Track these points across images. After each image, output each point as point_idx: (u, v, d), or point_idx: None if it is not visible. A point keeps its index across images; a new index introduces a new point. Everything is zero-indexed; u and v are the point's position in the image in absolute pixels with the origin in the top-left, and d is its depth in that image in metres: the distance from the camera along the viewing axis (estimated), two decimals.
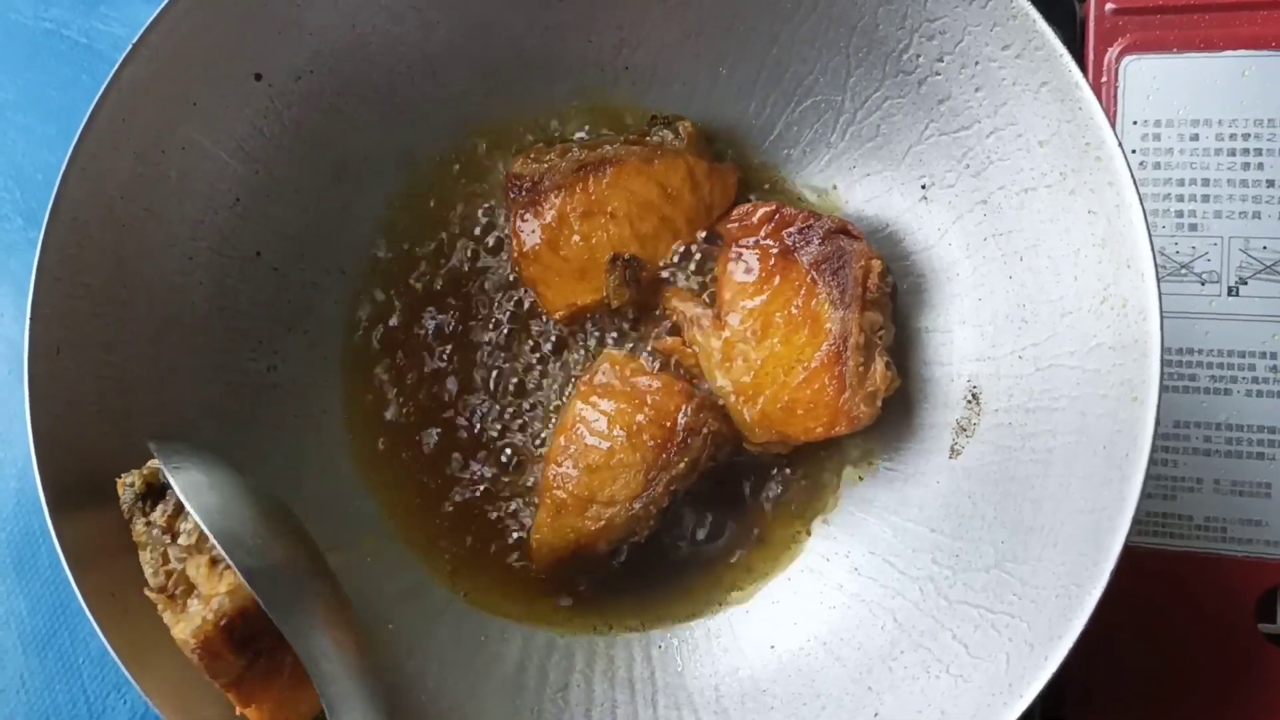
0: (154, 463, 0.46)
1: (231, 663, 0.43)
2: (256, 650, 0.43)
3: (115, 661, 0.65)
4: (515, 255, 0.57)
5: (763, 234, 0.55)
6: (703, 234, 0.56)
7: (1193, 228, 0.59)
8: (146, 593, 0.45)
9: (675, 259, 0.56)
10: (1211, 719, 0.56)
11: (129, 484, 0.46)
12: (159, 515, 0.45)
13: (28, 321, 0.47)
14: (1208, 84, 0.59)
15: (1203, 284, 0.58)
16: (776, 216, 0.55)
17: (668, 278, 0.56)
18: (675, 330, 0.56)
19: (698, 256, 0.56)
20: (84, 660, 0.66)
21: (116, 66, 0.48)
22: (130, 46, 0.48)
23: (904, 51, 0.52)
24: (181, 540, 0.45)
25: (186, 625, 0.43)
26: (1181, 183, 0.59)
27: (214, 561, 0.44)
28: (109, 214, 0.49)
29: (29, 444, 0.47)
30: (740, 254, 0.55)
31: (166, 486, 0.46)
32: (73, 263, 0.48)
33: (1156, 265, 0.45)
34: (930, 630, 0.49)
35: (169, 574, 0.45)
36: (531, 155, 0.57)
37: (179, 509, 0.45)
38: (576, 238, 0.55)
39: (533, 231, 0.56)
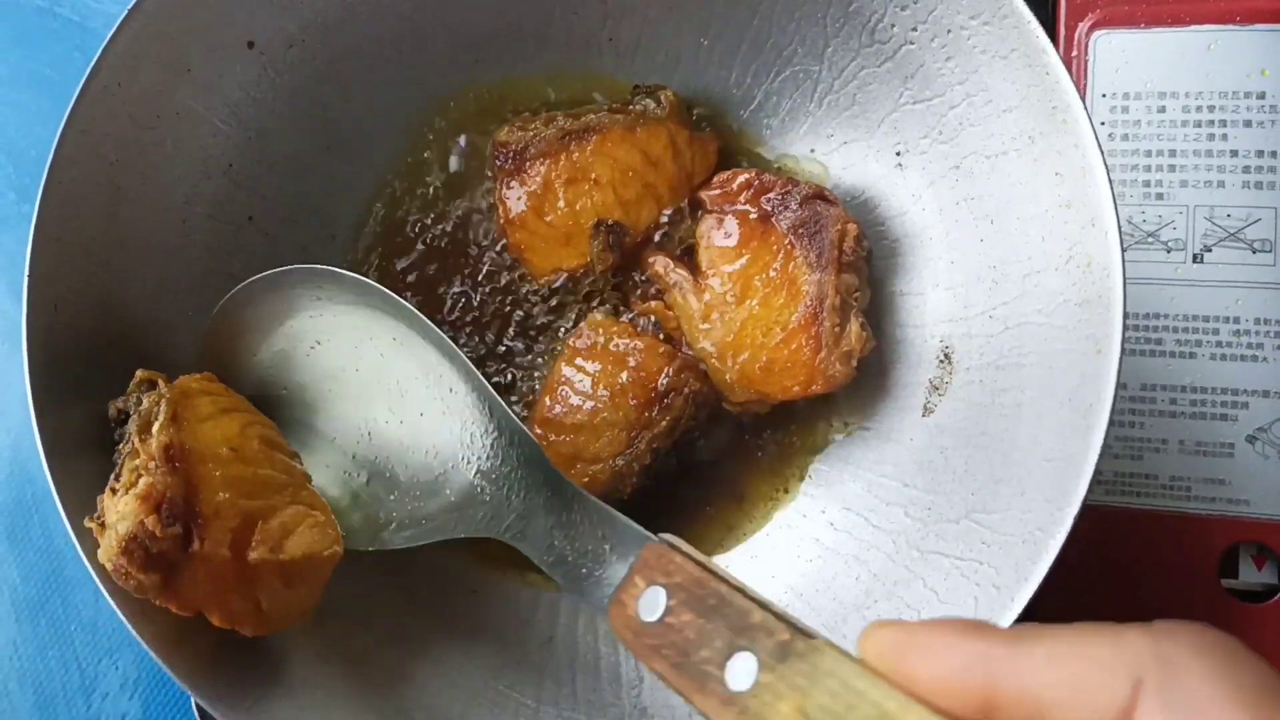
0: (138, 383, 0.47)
1: (148, 581, 0.43)
2: (166, 565, 0.43)
3: (106, 629, 0.67)
4: (501, 222, 0.58)
5: (742, 200, 0.56)
6: (684, 200, 0.58)
7: (1159, 197, 0.60)
8: (86, 522, 0.45)
9: (658, 224, 0.58)
10: None
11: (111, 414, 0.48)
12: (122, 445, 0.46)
13: (25, 277, 0.48)
14: (1175, 58, 0.61)
15: (1169, 251, 0.60)
16: (756, 183, 0.56)
17: (651, 242, 0.58)
18: (657, 294, 0.57)
19: (680, 222, 0.58)
20: (76, 627, 0.67)
21: (112, 31, 0.49)
22: (125, 11, 0.49)
23: (879, 22, 0.54)
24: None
25: (101, 553, 0.44)
26: (1149, 153, 0.61)
27: (113, 490, 0.45)
28: (104, 176, 0.50)
29: (23, 408, 0.48)
30: (720, 219, 0.56)
31: (128, 416, 0.47)
32: (69, 222, 0.49)
33: (1120, 224, 0.46)
34: (903, 580, 0.51)
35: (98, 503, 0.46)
36: (517, 124, 0.58)
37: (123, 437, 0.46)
38: (561, 204, 0.57)
39: (518, 198, 0.57)
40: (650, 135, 0.57)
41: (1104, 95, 0.62)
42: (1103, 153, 0.47)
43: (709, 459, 0.58)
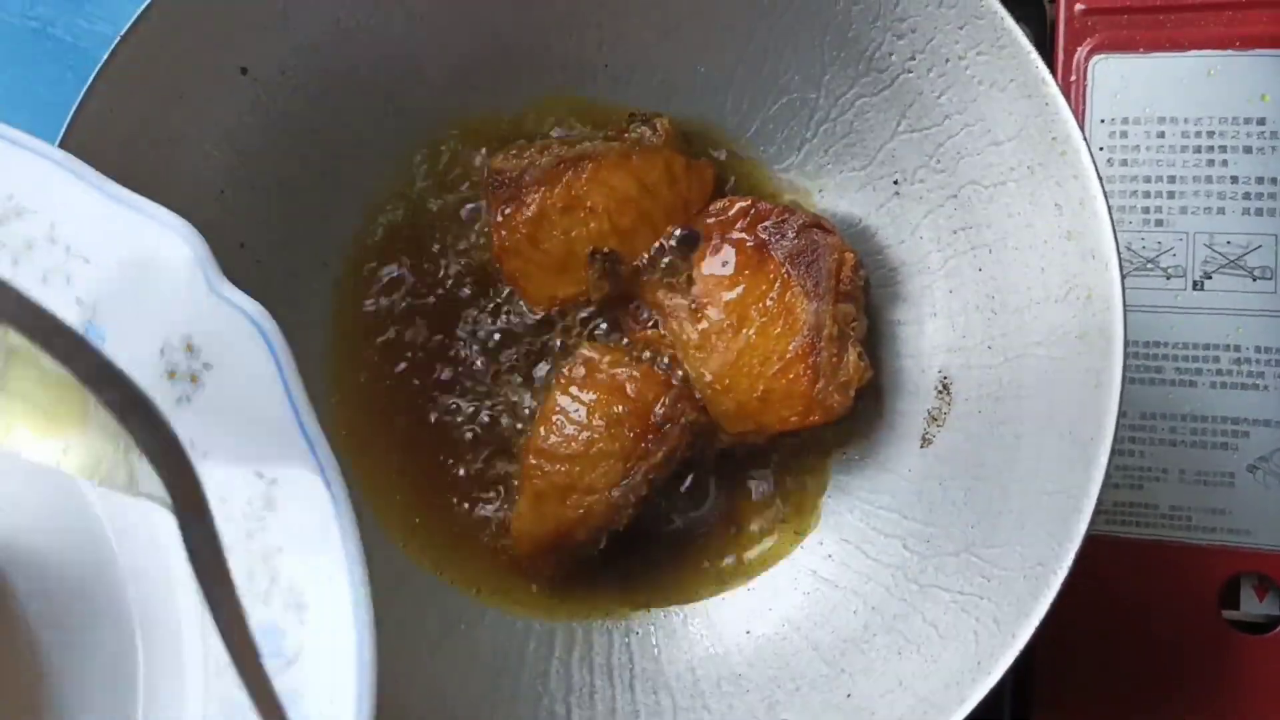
0: None
1: None
2: None
3: None
4: (496, 250, 0.58)
5: (739, 228, 0.56)
6: (680, 228, 0.57)
7: (1159, 223, 0.60)
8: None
9: (654, 252, 0.57)
10: (1176, 703, 0.58)
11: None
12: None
13: None
14: (1174, 83, 0.60)
15: (1168, 278, 0.60)
16: (752, 211, 0.56)
17: (646, 271, 0.57)
18: (654, 322, 0.57)
19: (676, 250, 0.57)
20: None
21: (104, 57, 0.49)
22: (118, 37, 0.49)
23: (876, 50, 0.53)
24: None
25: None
26: (1148, 179, 0.60)
27: None
28: None
29: None
30: (717, 248, 0.56)
31: None
32: None
33: (1120, 256, 0.46)
34: (902, 613, 0.51)
35: None
36: (513, 152, 0.58)
37: None
38: (557, 232, 0.56)
39: (513, 226, 0.57)
40: (646, 163, 0.56)
41: (1103, 121, 0.61)
42: (1103, 184, 0.46)
43: (705, 490, 0.57)
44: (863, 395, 0.55)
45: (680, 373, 0.56)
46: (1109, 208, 0.46)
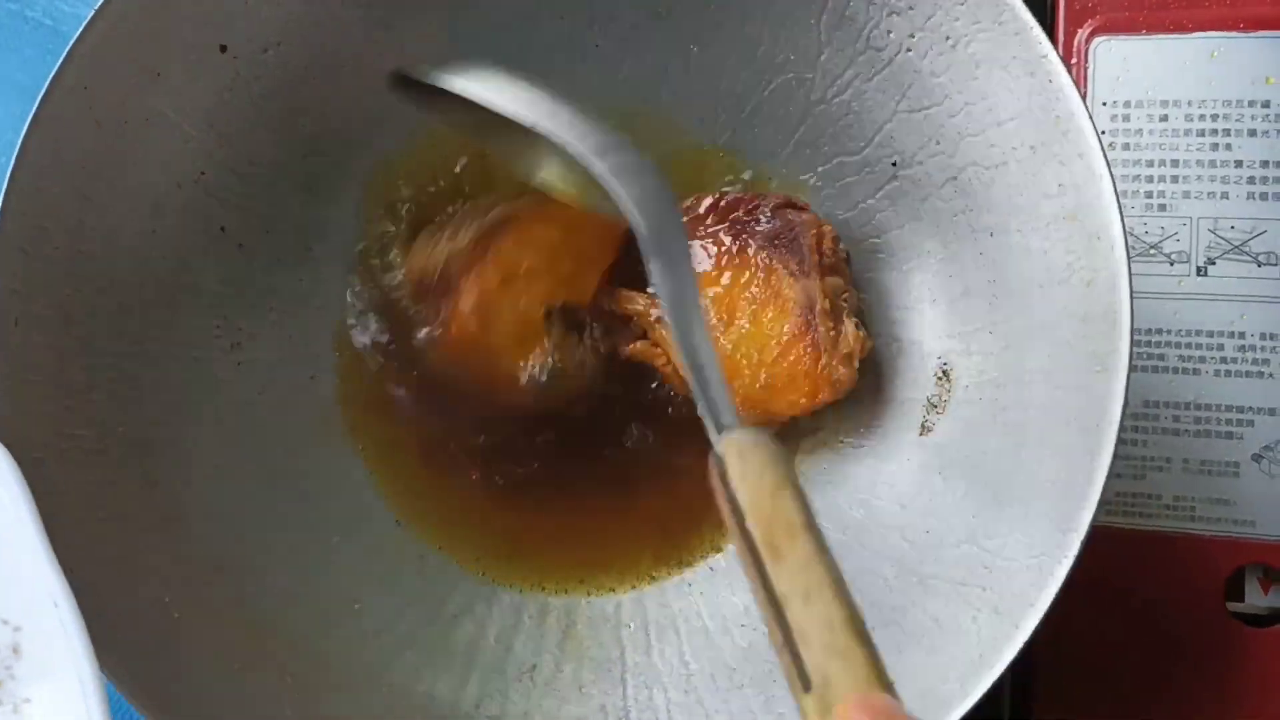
0: None
1: None
2: None
3: None
4: (448, 354, 0.55)
5: (710, 222, 0.54)
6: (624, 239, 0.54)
7: (1162, 208, 0.59)
8: None
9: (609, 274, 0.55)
10: (1181, 697, 0.56)
11: None
12: None
13: None
14: (1176, 65, 0.59)
15: (1172, 264, 0.58)
16: (721, 203, 0.54)
17: (609, 292, 0.55)
18: (643, 334, 0.55)
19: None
20: None
21: (78, 32, 0.47)
22: (92, 12, 0.47)
23: (874, 29, 0.52)
24: None
25: None
26: (1151, 164, 0.59)
27: None
28: (70, 183, 0.48)
29: None
30: (693, 246, 0.54)
31: None
32: (33, 232, 0.47)
33: (1126, 236, 0.45)
34: (900, 607, 0.49)
35: None
36: (425, 248, 0.55)
37: None
38: (504, 310, 0.54)
39: (458, 324, 0.54)
40: (562, 205, 0.52)
41: (1104, 104, 0.60)
42: (1108, 162, 0.45)
43: (697, 484, 0.56)
44: (861, 383, 0.53)
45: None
46: (1115, 187, 0.45)
